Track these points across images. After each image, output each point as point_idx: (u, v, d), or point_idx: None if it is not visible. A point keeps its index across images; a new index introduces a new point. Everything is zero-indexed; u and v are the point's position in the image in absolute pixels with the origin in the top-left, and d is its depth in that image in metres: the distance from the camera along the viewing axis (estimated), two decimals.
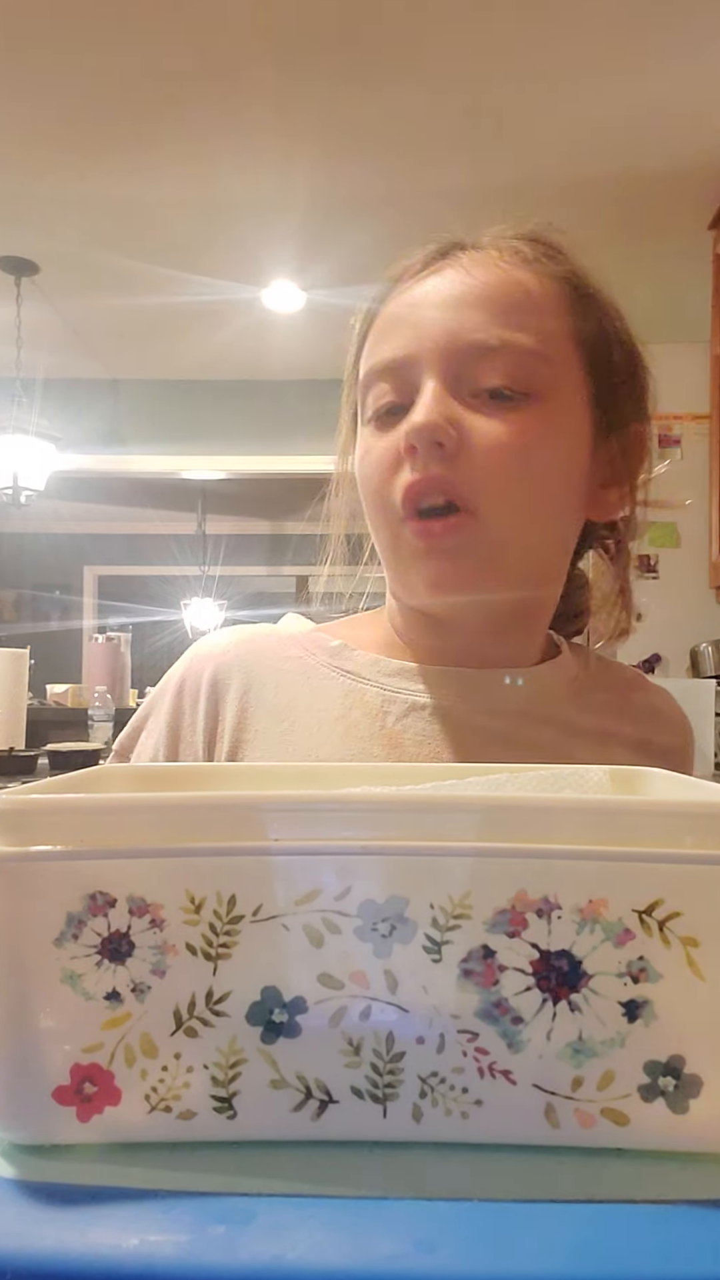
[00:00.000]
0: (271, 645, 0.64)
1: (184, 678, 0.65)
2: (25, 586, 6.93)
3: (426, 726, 0.59)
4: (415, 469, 0.54)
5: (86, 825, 0.31)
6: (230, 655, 0.64)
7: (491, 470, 0.53)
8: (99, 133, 2.43)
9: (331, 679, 0.61)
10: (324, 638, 0.64)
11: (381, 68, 2.17)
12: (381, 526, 0.58)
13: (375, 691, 0.60)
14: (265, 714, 0.61)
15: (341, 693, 0.61)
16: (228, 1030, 0.31)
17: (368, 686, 0.61)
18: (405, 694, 0.60)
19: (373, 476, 0.57)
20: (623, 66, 2.16)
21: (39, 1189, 0.29)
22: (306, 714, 0.60)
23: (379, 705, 0.60)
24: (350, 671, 0.62)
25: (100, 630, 4.36)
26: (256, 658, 0.63)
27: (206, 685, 0.63)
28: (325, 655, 0.63)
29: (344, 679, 0.61)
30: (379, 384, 0.57)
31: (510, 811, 0.31)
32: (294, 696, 0.61)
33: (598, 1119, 0.31)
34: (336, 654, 0.63)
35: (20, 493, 3.38)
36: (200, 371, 4.03)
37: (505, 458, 0.54)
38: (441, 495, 0.54)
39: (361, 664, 0.62)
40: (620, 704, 0.67)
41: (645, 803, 0.36)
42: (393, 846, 0.30)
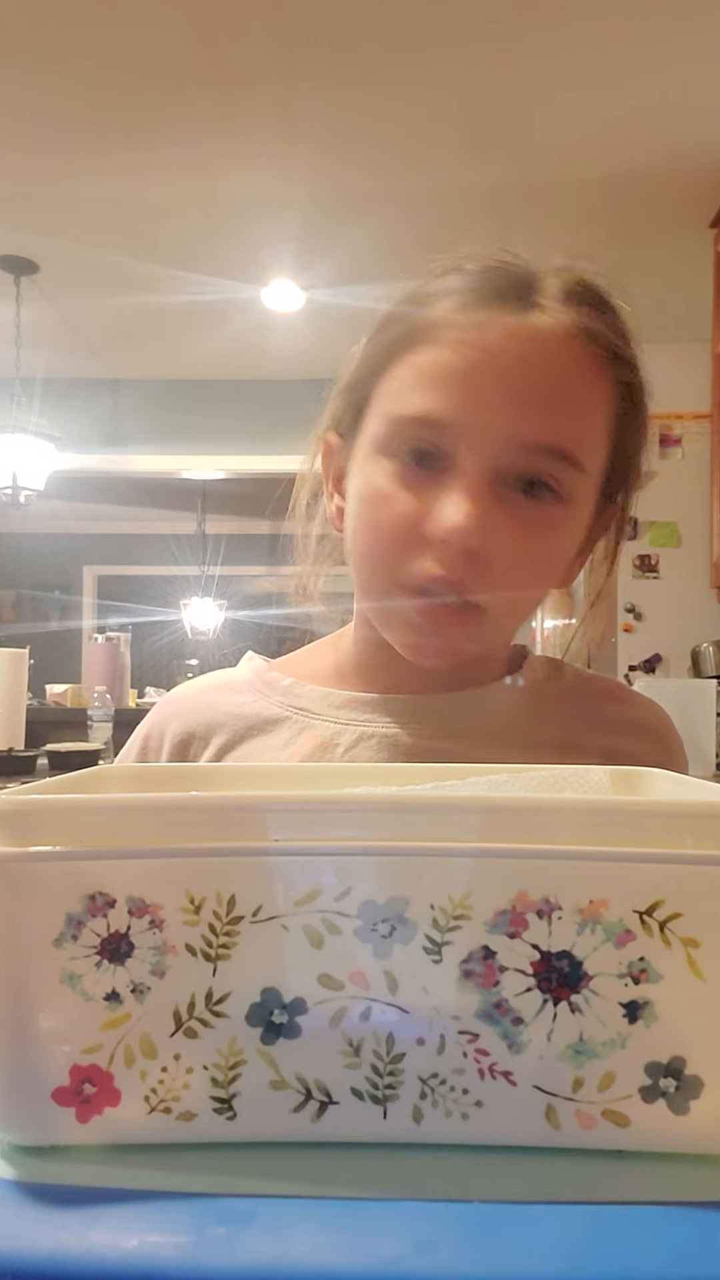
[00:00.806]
0: (228, 696, 0.66)
1: (148, 735, 0.67)
2: (25, 586, 6.93)
3: (374, 754, 0.60)
4: (440, 564, 0.53)
5: (86, 825, 0.31)
6: (192, 709, 0.65)
7: (509, 576, 0.54)
8: (99, 132, 2.43)
9: (284, 717, 0.63)
10: (276, 677, 0.66)
11: (382, 67, 2.17)
12: (376, 579, 0.57)
13: (325, 725, 0.62)
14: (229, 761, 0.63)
15: (294, 730, 0.62)
16: (227, 1031, 0.31)
17: (318, 721, 0.62)
18: (355, 725, 0.61)
19: (385, 530, 0.55)
20: (623, 66, 2.16)
21: (38, 1190, 0.29)
22: (263, 755, 0.62)
23: (329, 737, 0.61)
24: (301, 708, 0.63)
25: (100, 630, 4.37)
26: (213, 710, 0.65)
27: (171, 742, 0.65)
28: (278, 695, 0.65)
29: (296, 716, 0.63)
30: (412, 432, 0.54)
31: (510, 812, 0.31)
32: (252, 741, 0.63)
33: (598, 1120, 0.31)
34: (288, 692, 0.64)
35: (20, 492, 3.38)
36: (200, 371, 4.03)
37: (524, 563, 0.55)
38: (456, 594, 0.54)
39: (311, 699, 0.63)
40: (591, 715, 0.66)
41: (645, 803, 0.36)
42: (393, 847, 0.30)
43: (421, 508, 0.54)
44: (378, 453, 0.56)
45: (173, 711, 0.67)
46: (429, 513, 0.53)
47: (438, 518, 0.53)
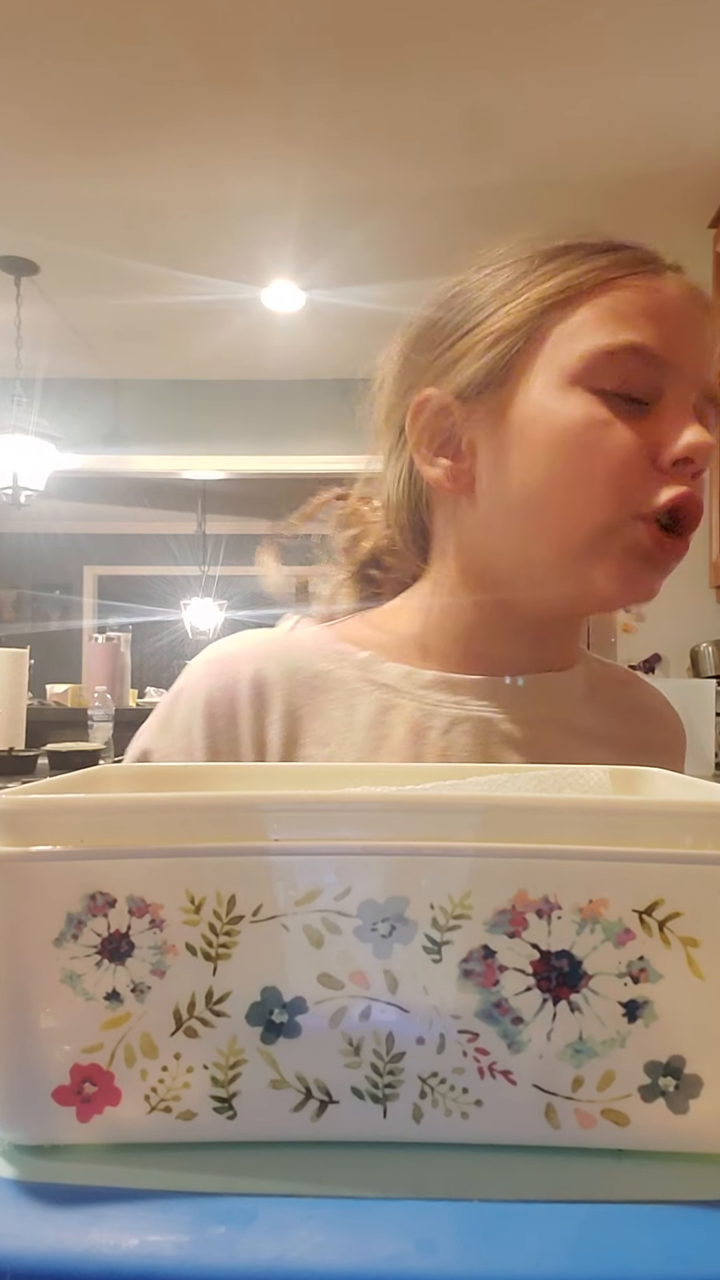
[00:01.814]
0: (300, 658, 0.61)
1: (211, 698, 0.60)
2: (25, 586, 6.93)
3: (469, 740, 0.58)
4: (687, 486, 0.54)
5: (86, 825, 0.31)
6: (265, 670, 0.60)
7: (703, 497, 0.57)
8: (99, 133, 2.43)
9: (366, 694, 0.59)
10: (348, 648, 0.61)
11: (381, 67, 2.17)
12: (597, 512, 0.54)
13: (413, 706, 0.59)
14: (311, 740, 0.59)
15: (379, 709, 0.59)
16: (228, 1030, 0.31)
17: (405, 701, 0.59)
18: (444, 707, 0.59)
19: (612, 460, 0.54)
20: (622, 67, 2.16)
21: (39, 1189, 0.29)
22: (348, 733, 0.58)
23: (420, 720, 0.58)
24: (385, 685, 0.60)
25: (100, 630, 4.37)
26: (289, 673, 0.60)
27: (247, 706, 0.59)
28: (355, 669, 0.60)
29: (379, 693, 0.59)
30: (623, 363, 0.54)
31: (510, 811, 0.31)
32: (332, 716, 0.59)
33: (598, 1119, 0.31)
34: (366, 666, 0.60)
35: (20, 493, 3.38)
36: (200, 371, 4.03)
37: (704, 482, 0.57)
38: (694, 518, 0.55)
39: (394, 676, 0.60)
40: (620, 706, 0.68)
41: (645, 803, 0.36)
42: (393, 846, 0.30)
43: (644, 437, 0.54)
44: (574, 385, 0.55)
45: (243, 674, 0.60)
46: (651, 441, 0.54)
47: (676, 439, 0.54)
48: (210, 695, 0.60)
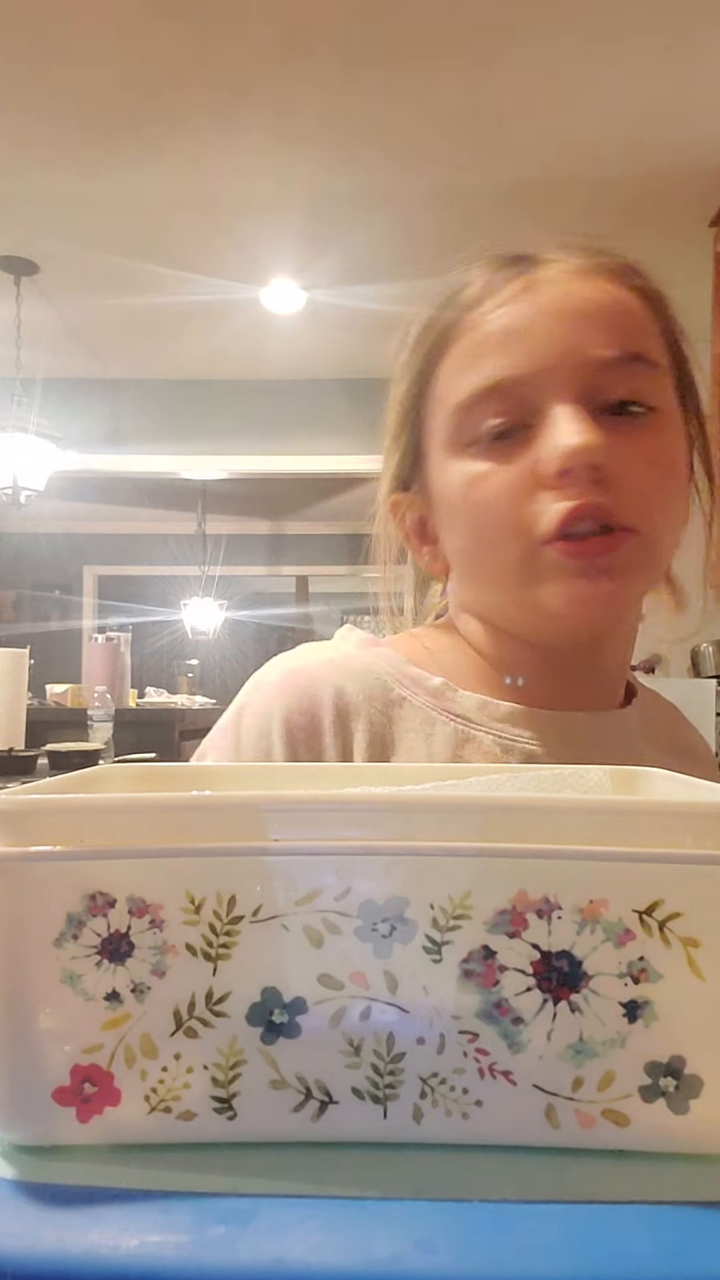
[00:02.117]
0: (374, 685, 0.59)
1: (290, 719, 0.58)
2: (25, 586, 6.93)
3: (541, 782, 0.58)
4: (570, 495, 0.52)
5: (86, 825, 0.31)
6: (347, 692, 0.59)
7: (644, 492, 0.53)
8: (99, 133, 2.43)
9: (443, 724, 0.58)
10: (421, 675, 0.60)
11: (381, 68, 2.17)
12: (508, 552, 0.54)
13: (491, 740, 0.58)
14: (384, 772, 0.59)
15: (457, 741, 0.58)
16: (228, 1031, 0.31)
17: (481, 734, 0.58)
18: (520, 742, 0.58)
19: (499, 503, 0.54)
20: (623, 66, 2.16)
21: (39, 1189, 0.29)
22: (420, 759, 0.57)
23: (498, 754, 0.57)
24: (459, 715, 0.59)
25: (100, 630, 4.37)
26: (369, 697, 0.59)
27: (331, 729, 0.58)
28: (428, 696, 0.59)
29: (455, 724, 0.58)
30: (485, 407, 0.54)
31: (510, 811, 0.31)
32: (413, 745, 0.57)
33: (598, 1120, 0.31)
34: (440, 695, 0.59)
35: (20, 492, 3.38)
36: (200, 371, 4.03)
37: (653, 478, 0.54)
38: (599, 521, 0.52)
39: (469, 707, 0.59)
40: (665, 742, 0.67)
41: (645, 803, 0.36)
42: (393, 846, 0.30)
43: (525, 469, 0.53)
44: (454, 453, 0.56)
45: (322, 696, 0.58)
46: (535, 470, 0.52)
47: (552, 452, 0.52)
48: (289, 716, 0.58)
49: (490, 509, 0.54)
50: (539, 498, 0.53)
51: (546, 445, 0.52)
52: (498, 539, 0.55)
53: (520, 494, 0.53)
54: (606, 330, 0.54)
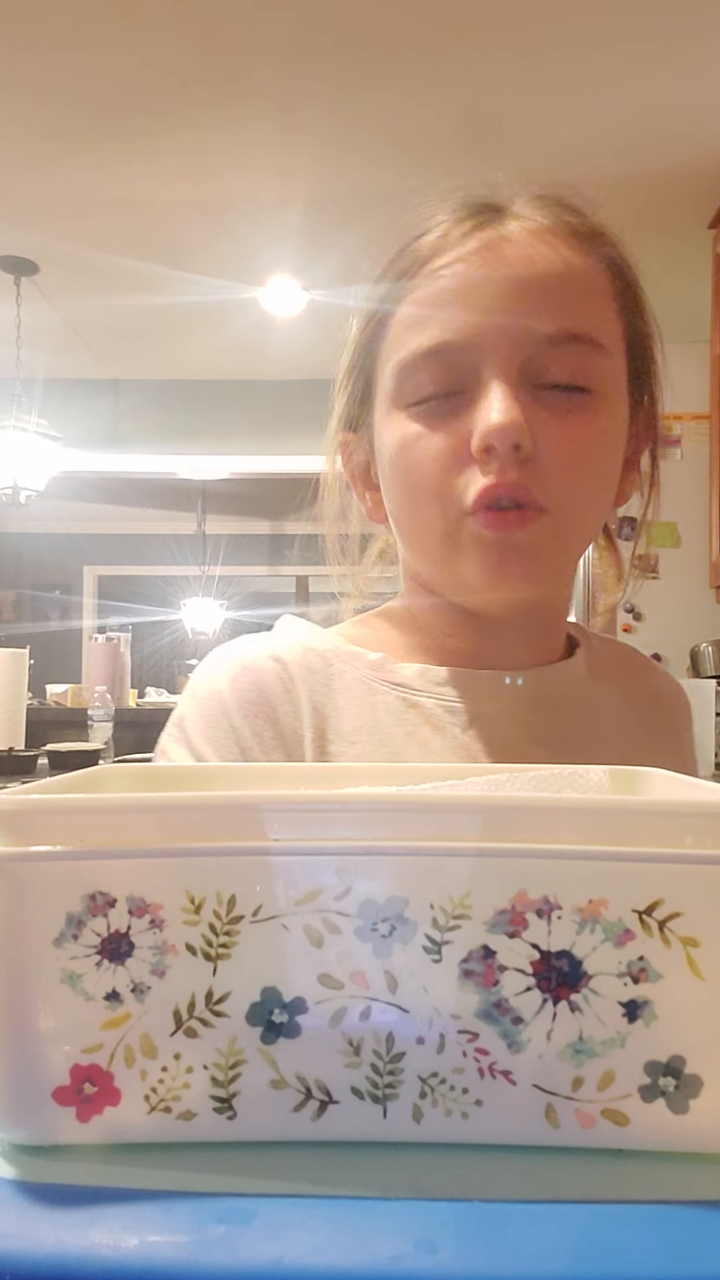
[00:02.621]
0: (314, 660, 0.60)
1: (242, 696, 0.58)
2: (25, 586, 6.93)
3: (491, 732, 0.58)
4: (490, 472, 0.52)
5: (86, 825, 0.31)
6: (286, 666, 0.59)
7: (564, 473, 0.53)
8: (99, 133, 2.43)
9: (385, 694, 0.59)
10: (358, 651, 0.61)
11: (382, 67, 2.17)
12: (433, 519, 0.55)
13: (433, 704, 0.58)
14: (338, 737, 0.58)
15: (401, 708, 0.58)
16: (228, 1030, 0.31)
17: (424, 699, 0.59)
18: (464, 703, 0.58)
19: (427, 470, 0.54)
20: (623, 66, 2.16)
21: (39, 1189, 0.29)
22: (374, 734, 0.57)
23: (442, 717, 0.58)
24: (400, 684, 0.59)
25: (100, 630, 4.37)
26: (307, 671, 0.59)
27: (281, 700, 0.58)
28: (368, 669, 0.60)
29: (397, 693, 0.59)
30: (425, 368, 0.54)
31: (510, 811, 0.31)
32: (357, 716, 0.58)
33: (598, 1119, 0.31)
34: (380, 667, 0.60)
35: (20, 493, 3.38)
36: (200, 371, 4.03)
37: (576, 460, 0.53)
38: (514, 499, 0.53)
39: (408, 676, 0.60)
40: (627, 687, 0.68)
41: (645, 803, 0.36)
42: (393, 846, 0.30)
43: (457, 435, 0.53)
44: (395, 408, 0.56)
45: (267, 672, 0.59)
46: (465, 436, 0.52)
47: (477, 427, 0.51)
48: (238, 690, 0.59)
49: (420, 474, 0.54)
50: (465, 469, 0.53)
51: (474, 419, 0.52)
52: (424, 505, 0.55)
53: (448, 464, 0.53)
54: (554, 304, 0.53)
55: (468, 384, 0.53)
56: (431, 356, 0.53)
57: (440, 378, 0.53)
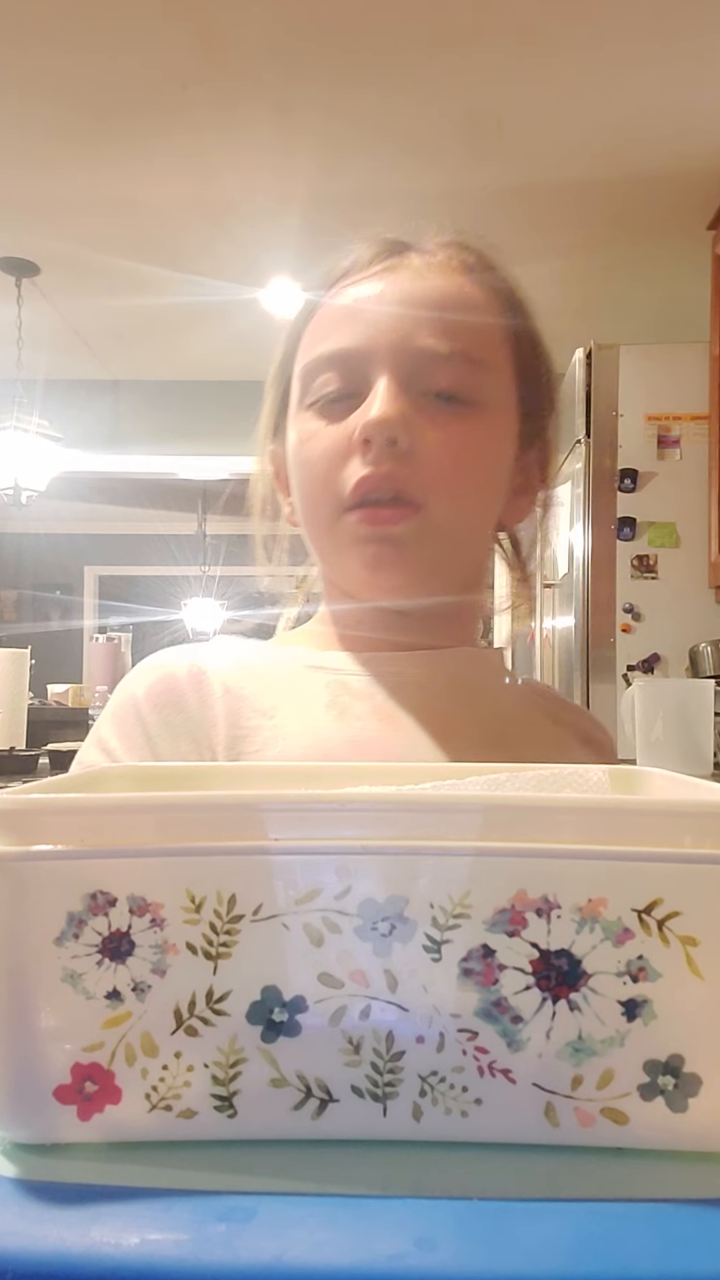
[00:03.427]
0: (236, 654, 0.64)
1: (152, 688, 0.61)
2: (26, 586, 6.93)
3: (414, 699, 0.60)
4: (368, 463, 0.56)
5: (87, 825, 0.31)
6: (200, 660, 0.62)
7: (439, 471, 0.57)
8: (99, 133, 2.43)
9: (311, 675, 0.62)
10: (282, 649, 0.65)
11: (381, 68, 2.17)
12: (321, 513, 0.59)
13: (357, 677, 0.62)
14: (255, 713, 0.60)
15: (324, 684, 0.61)
16: (228, 1029, 0.31)
17: (349, 676, 0.62)
18: (382, 677, 0.61)
19: (318, 463, 0.58)
20: (622, 67, 2.16)
21: (40, 1188, 0.29)
22: (296, 707, 0.60)
23: (365, 687, 0.61)
24: (325, 667, 0.63)
25: (101, 630, 4.38)
26: (228, 661, 0.62)
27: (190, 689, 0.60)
28: (292, 661, 0.63)
29: (323, 674, 0.62)
30: (326, 371, 0.58)
31: (510, 811, 0.31)
32: (278, 695, 0.60)
33: (597, 1118, 0.31)
34: (301, 659, 0.64)
35: (21, 493, 3.38)
36: (201, 371, 4.03)
37: (452, 461, 0.57)
38: (392, 491, 0.56)
39: (333, 660, 0.63)
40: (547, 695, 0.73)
41: (645, 802, 0.36)
42: (393, 846, 0.31)
43: (346, 431, 0.57)
44: (300, 408, 0.61)
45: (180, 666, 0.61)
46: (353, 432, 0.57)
47: (359, 420, 0.56)
48: (150, 687, 0.61)
49: (313, 468, 0.59)
50: (350, 464, 0.57)
51: (363, 416, 0.56)
52: (316, 499, 0.59)
53: (336, 458, 0.57)
54: (440, 325, 0.57)
55: (361, 387, 0.57)
56: (331, 361, 0.58)
57: (337, 380, 0.58)
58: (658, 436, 2.67)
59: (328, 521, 0.59)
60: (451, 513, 0.58)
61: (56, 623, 6.80)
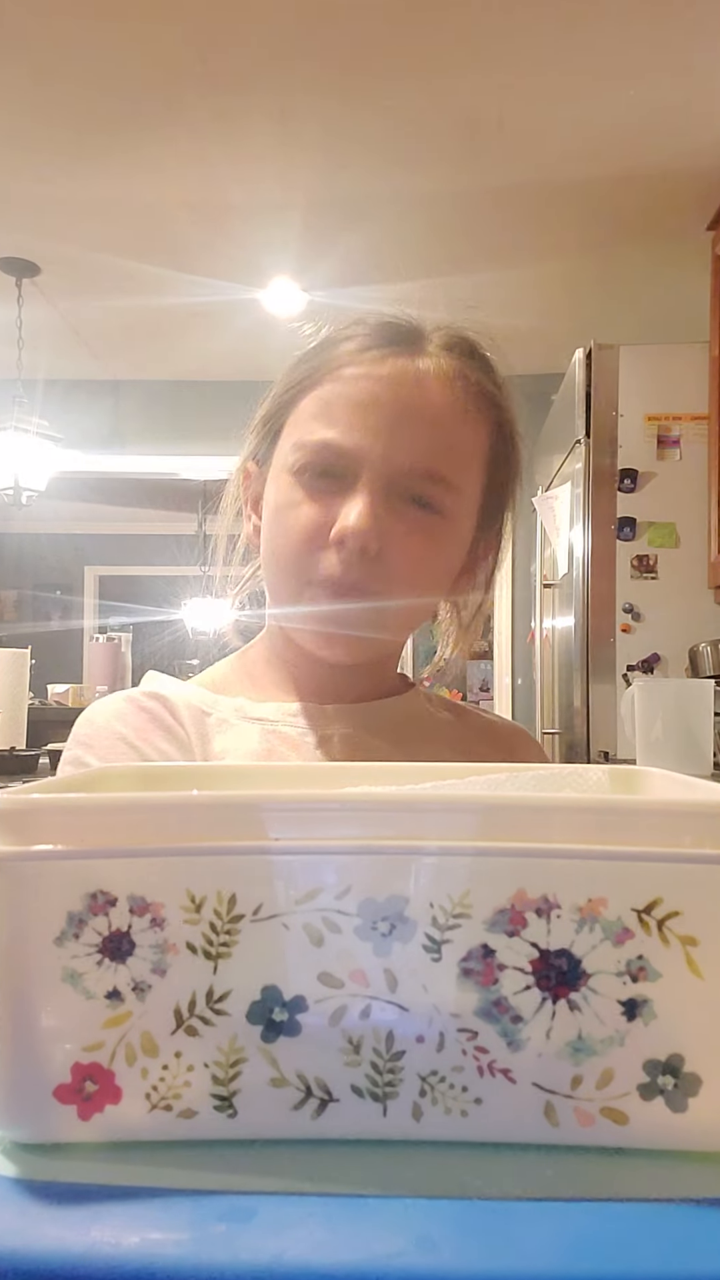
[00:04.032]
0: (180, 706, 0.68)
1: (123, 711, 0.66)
2: (26, 586, 6.93)
3: (339, 752, 0.67)
4: (340, 563, 0.62)
5: (87, 825, 0.31)
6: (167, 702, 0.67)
7: (400, 571, 0.63)
8: (100, 134, 2.43)
9: (247, 726, 0.68)
10: (219, 698, 0.70)
11: (380, 70, 2.17)
12: (291, 578, 0.65)
13: (291, 729, 0.68)
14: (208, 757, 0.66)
15: (260, 735, 0.67)
16: (228, 1029, 0.31)
17: (280, 728, 0.68)
18: (313, 730, 0.68)
19: (293, 534, 0.64)
20: (622, 67, 2.16)
21: (40, 1187, 0.29)
22: (237, 757, 0.65)
23: (297, 738, 0.67)
24: (259, 719, 0.68)
25: (101, 630, 4.38)
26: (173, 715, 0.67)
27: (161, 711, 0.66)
28: (232, 710, 0.69)
29: (257, 725, 0.68)
30: (315, 453, 0.63)
31: (510, 811, 0.31)
32: (222, 744, 0.66)
33: (597, 1118, 0.31)
34: (241, 709, 0.69)
35: (21, 493, 3.38)
36: (201, 372, 4.02)
37: (413, 564, 0.64)
38: (356, 592, 0.63)
39: (267, 711, 0.69)
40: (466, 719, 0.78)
41: (644, 802, 0.36)
42: (393, 846, 0.31)
43: (325, 515, 0.63)
44: (287, 472, 0.65)
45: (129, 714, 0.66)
46: (331, 519, 0.62)
47: (339, 522, 0.62)
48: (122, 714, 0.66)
49: (289, 537, 0.64)
50: (324, 551, 0.63)
51: (340, 510, 0.62)
52: (285, 559, 0.65)
53: (311, 539, 0.63)
54: (428, 446, 0.63)
55: (345, 475, 0.63)
56: (323, 447, 0.63)
57: (323, 465, 0.63)
58: (658, 436, 2.66)
59: (292, 589, 0.65)
60: (404, 603, 0.65)
61: (56, 623, 6.80)
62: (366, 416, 0.63)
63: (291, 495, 0.64)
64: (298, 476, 0.64)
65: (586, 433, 2.65)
